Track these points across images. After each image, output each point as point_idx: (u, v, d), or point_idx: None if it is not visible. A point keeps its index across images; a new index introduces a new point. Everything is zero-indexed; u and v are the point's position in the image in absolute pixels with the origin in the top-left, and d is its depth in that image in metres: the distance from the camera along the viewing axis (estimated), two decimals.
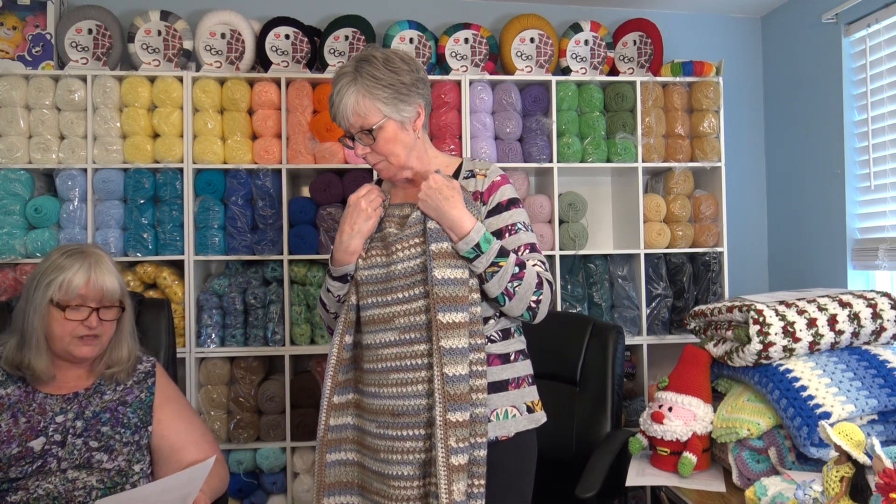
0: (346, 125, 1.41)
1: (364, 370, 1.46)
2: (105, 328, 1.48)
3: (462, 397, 1.32)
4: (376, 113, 1.38)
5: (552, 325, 1.47)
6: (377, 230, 1.47)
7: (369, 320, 1.44)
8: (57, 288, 1.42)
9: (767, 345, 1.58)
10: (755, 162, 3.09)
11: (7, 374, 1.47)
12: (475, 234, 1.36)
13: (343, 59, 2.63)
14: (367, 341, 1.44)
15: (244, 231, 2.53)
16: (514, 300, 1.39)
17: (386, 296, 1.42)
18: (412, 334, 1.38)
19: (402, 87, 1.40)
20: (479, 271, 1.38)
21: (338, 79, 1.41)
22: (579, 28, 2.75)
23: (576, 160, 2.69)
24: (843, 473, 1.21)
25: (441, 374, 1.32)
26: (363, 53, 1.43)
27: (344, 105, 1.38)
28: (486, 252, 1.36)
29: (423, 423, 1.36)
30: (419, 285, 1.39)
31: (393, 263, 1.41)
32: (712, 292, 2.75)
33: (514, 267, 1.38)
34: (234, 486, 2.51)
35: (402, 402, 1.37)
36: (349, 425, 1.48)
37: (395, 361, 1.39)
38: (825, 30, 2.64)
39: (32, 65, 2.47)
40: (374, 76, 1.38)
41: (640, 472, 1.68)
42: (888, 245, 2.35)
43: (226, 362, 2.53)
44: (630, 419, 2.66)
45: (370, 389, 1.43)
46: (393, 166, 1.44)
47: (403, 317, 1.39)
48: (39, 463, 1.39)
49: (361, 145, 1.43)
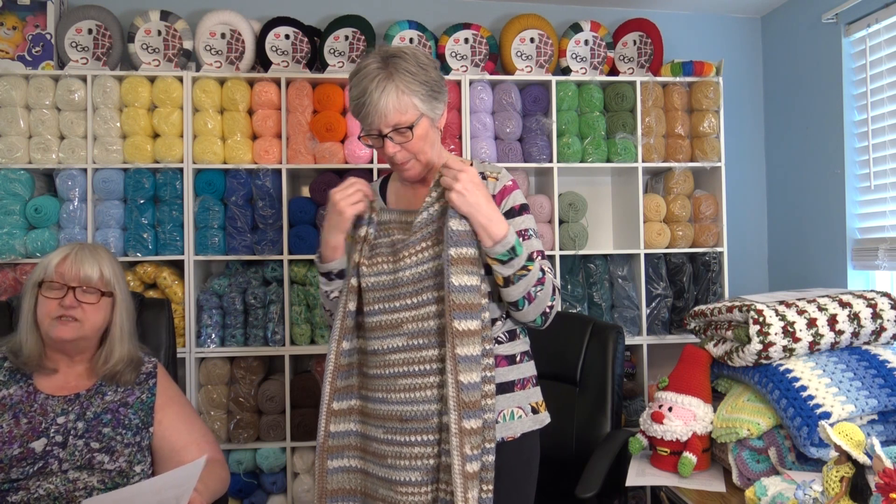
0: (380, 122, 1.34)
1: (369, 376, 1.43)
2: (87, 313, 1.47)
3: (476, 404, 1.30)
4: (414, 110, 1.35)
5: (552, 325, 1.46)
6: (383, 236, 1.44)
7: (376, 326, 1.41)
8: (42, 269, 1.49)
9: (767, 345, 1.58)
10: (755, 162, 3.09)
11: (9, 373, 1.47)
12: (511, 235, 1.32)
13: (343, 59, 2.63)
14: (374, 347, 1.41)
15: (244, 231, 2.53)
16: (533, 304, 1.37)
17: (393, 302, 1.39)
18: (421, 340, 1.36)
19: (435, 85, 1.38)
20: (507, 274, 1.33)
21: (367, 75, 1.34)
22: (579, 28, 2.75)
23: (576, 160, 2.69)
24: (843, 473, 1.21)
25: (456, 382, 1.29)
26: (388, 50, 1.38)
27: (384, 102, 1.32)
28: (520, 255, 1.32)
29: (432, 428, 1.34)
30: (428, 291, 1.36)
31: (400, 270, 1.38)
32: (712, 292, 2.75)
33: (538, 271, 1.36)
34: (234, 486, 2.51)
35: (411, 408, 1.35)
36: (352, 432, 1.45)
37: (404, 367, 1.37)
38: (825, 30, 2.64)
39: (32, 65, 2.47)
40: (410, 72, 1.34)
41: (640, 472, 1.68)
42: (888, 245, 2.36)
43: (226, 362, 2.54)
44: (630, 419, 2.66)
45: (377, 395, 1.41)
46: (420, 164, 1.41)
47: (412, 322, 1.37)
48: (41, 464, 1.39)
49: (392, 143, 1.36)
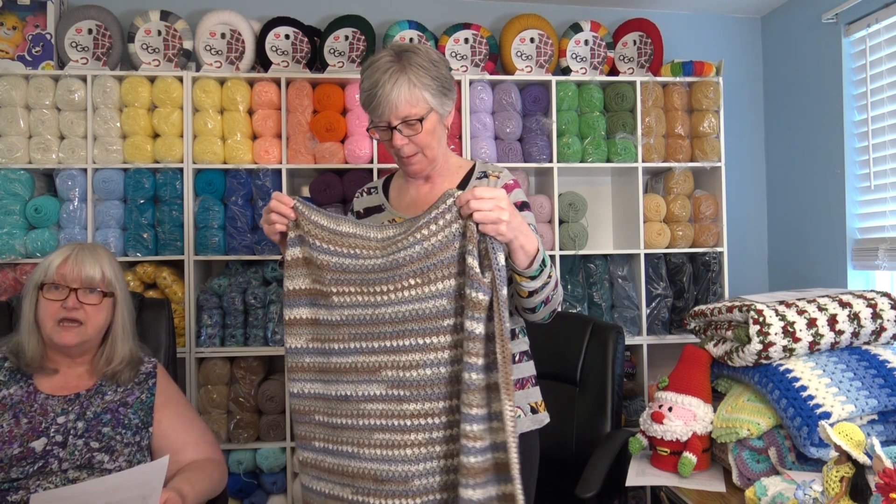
0: (391, 114, 1.33)
1: (335, 426, 1.26)
2: (89, 315, 1.48)
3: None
4: (424, 103, 1.35)
5: (552, 325, 1.46)
6: (347, 256, 1.25)
7: (349, 368, 1.24)
8: (42, 271, 1.48)
9: (767, 345, 1.58)
10: (755, 162, 3.09)
11: (10, 373, 1.47)
12: (540, 246, 1.25)
13: (343, 59, 2.63)
14: (345, 392, 1.24)
15: (244, 231, 2.53)
16: (548, 306, 1.36)
17: (371, 342, 1.23)
18: (402, 391, 1.19)
19: (445, 82, 1.39)
20: (536, 286, 1.27)
21: (379, 67, 1.34)
22: (579, 28, 2.75)
23: (576, 160, 2.69)
24: (843, 473, 1.21)
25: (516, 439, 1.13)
26: (401, 46, 1.38)
27: (396, 93, 1.31)
28: (547, 265, 1.27)
29: (412, 492, 1.18)
30: (411, 336, 1.20)
31: (381, 306, 1.22)
32: (712, 292, 2.75)
33: (555, 275, 1.34)
34: (234, 486, 2.51)
35: (389, 468, 1.19)
36: (310, 489, 1.30)
37: (381, 420, 1.20)
38: (825, 30, 2.64)
39: (32, 65, 2.47)
40: (423, 67, 1.34)
41: (640, 472, 1.68)
42: (888, 245, 2.35)
43: (226, 362, 2.53)
44: (630, 419, 2.66)
45: (345, 449, 1.24)
46: (427, 159, 1.41)
47: (391, 369, 1.20)
48: (41, 463, 1.39)
49: (401, 136, 1.36)
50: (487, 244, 1.16)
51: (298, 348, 1.29)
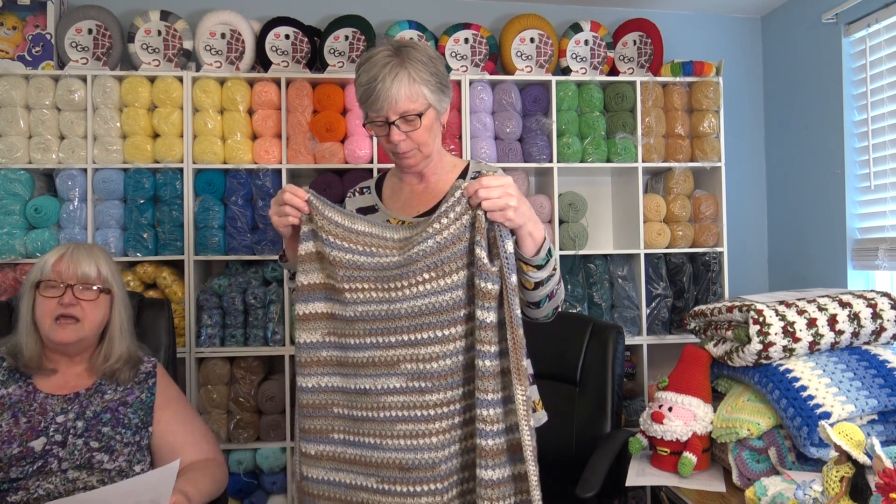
0: (389, 109, 1.33)
1: (356, 419, 1.28)
2: (86, 312, 1.48)
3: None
4: (423, 99, 1.35)
5: (552, 324, 1.46)
6: (361, 254, 1.26)
7: (367, 363, 1.26)
8: (39, 269, 1.49)
9: (767, 345, 1.58)
10: (755, 162, 3.09)
11: (8, 372, 1.47)
12: (545, 234, 1.26)
13: (343, 59, 2.63)
14: (364, 386, 1.26)
15: (244, 231, 2.53)
16: (552, 301, 1.36)
17: (388, 336, 1.24)
18: (422, 383, 1.22)
19: (443, 78, 1.40)
20: (542, 277, 1.28)
21: (378, 62, 1.33)
22: (579, 28, 2.75)
23: (576, 160, 2.69)
24: (843, 473, 1.21)
25: (530, 428, 1.18)
26: (399, 41, 1.39)
27: (396, 88, 1.31)
28: (553, 256, 1.27)
29: (440, 476, 1.21)
30: (429, 329, 1.22)
31: (396, 301, 1.23)
32: (712, 292, 2.75)
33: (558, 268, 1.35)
34: (234, 486, 2.51)
35: (414, 456, 1.21)
36: (328, 480, 1.31)
37: (403, 411, 1.23)
38: (825, 30, 2.64)
39: (32, 65, 2.47)
40: (422, 62, 1.35)
41: (640, 472, 1.68)
42: (888, 245, 2.35)
43: (226, 362, 2.53)
44: (630, 419, 2.66)
45: (367, 440, 1.26)
46: (422, 155, 1.42)
47: (410, 362, 1.23)
48: (40, 463, 1.39)
49: (398, 131, 1.36)
50: (496, 232, 1.18)
51: (314, 342, 1.30)
